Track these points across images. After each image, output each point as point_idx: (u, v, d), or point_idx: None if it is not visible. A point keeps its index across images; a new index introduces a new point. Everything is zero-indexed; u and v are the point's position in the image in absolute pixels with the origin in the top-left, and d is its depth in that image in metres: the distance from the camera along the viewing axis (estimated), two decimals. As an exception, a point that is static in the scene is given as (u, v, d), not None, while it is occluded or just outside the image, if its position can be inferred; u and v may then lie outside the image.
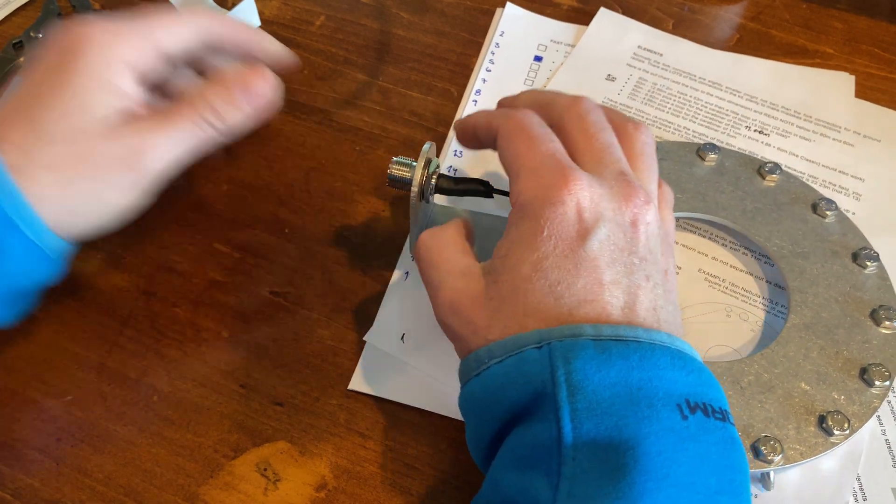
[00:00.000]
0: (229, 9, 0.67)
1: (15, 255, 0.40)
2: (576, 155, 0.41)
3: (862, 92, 0.65)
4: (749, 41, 0.70)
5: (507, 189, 0.50)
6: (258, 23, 0.70)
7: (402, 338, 0.50)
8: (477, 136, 0.46)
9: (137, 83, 0.43)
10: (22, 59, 0.66)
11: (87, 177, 0.41)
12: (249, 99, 0.44)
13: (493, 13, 0.72)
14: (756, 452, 0.43)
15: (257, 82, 0.44)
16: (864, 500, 0.45)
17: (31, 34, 0.67)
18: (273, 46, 0.49)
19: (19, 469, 0.46)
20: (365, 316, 0.52)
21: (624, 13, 0.71)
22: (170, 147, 0.42)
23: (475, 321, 0.38)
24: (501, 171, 0.59)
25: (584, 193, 0.38)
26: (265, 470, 0.46)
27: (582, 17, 0.71)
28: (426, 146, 0.48)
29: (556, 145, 0.40)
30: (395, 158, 0.48)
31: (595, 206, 0.38)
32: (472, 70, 0.67)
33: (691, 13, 0.72)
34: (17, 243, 0.40)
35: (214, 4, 0.69)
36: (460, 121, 0.48)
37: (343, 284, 0.54)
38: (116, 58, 0.42)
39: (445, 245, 0.42)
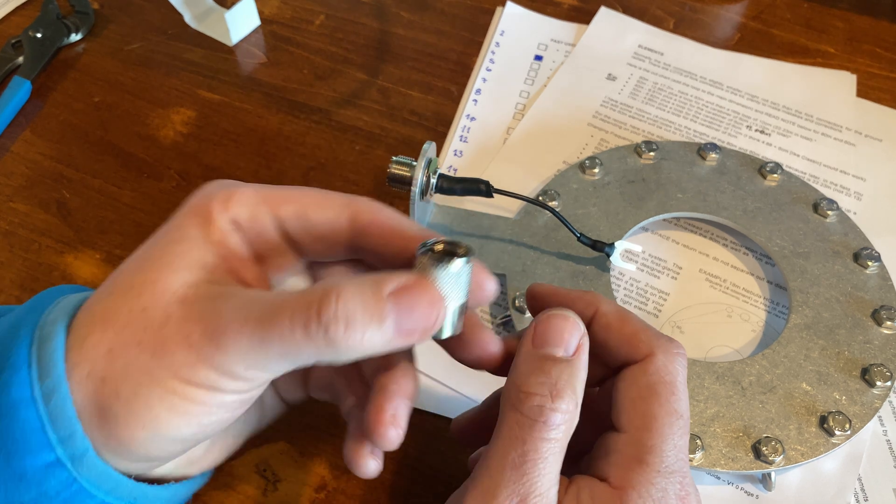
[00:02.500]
0: (228, 8, 0.67)
1: (33, 482, 0.30)
2: None
3: (863, 91, 0.65)
4: (750, 40, 0.70)
5: (507, 189, 0.50)
6: (257, 22, 0.70)
7: (402, 338, 0.50)
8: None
9: (246, 245, 0.34)
10: (21, 58, 0.66)
11: (143, 345, 0.30)
12: (402, 320, 0.29)
13: (493, 12, 0.72)
14: (757, 453, 0.43)
15: (421, 303, 0.30)
16: (866, 500, 0.45)
17: (30, 33, 0.67)
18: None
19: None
20: (364, 316, 0.52)
21: (624, 12, 0.71)
22: (258, 352, 0.29)
23: None
24: (501, 172, 0.59)
25: None
26: (265, 471, 0.46)
27: (582, 16, 0.71)
28: (426, 145, 0.48)
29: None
30: (394, 158, 0.48)
31: None
32: (472, 69, 0.67)
33: (692, 12, 0.72)
34: (42, 467, 0.30)
35: (213, 3, 0.69)
36: (547, 289, 0.36)
37: (343, 284, 0.54)
38: (219, 212, 0.33)
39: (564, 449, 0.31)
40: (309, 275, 0.37)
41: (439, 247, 0.31)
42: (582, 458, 0.35)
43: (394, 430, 0.33)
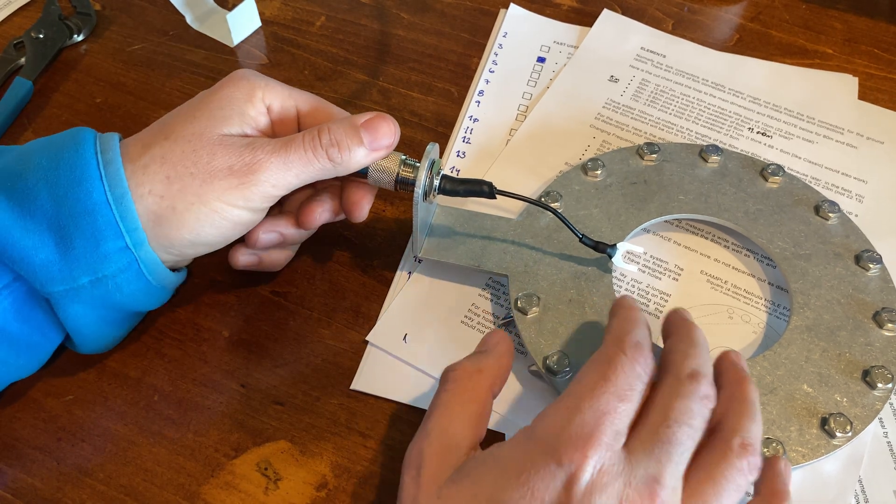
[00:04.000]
0: (230, 9, 0.67)
1: (112, 260, 0.42)
2: (638, 424, 0.37)
3: (861, 92, 0.65)
4: (749, 41, 0.70)
5: (509, 191, 0.50)
6: (258, 23, 0.70)
7: (405, 338, 0.50)
8: None
9: (270, 125, 0.47)
10: (23, 59, 0.66)
11: (194, 175, 0.42)
12: (372, 140, 0.45)
13: (493, 14, 0.72)
14: (758, 454, 0.43)
15: (383, 126, 0.46)
16: (866, 502, 0.45)
17: (32, 35, 0.67)
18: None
19: (20, 468, 0.46)
20: (365, 316, 0.52)
21: (623, 13, 0.71)
22: (283, 170, 0.43)
23: (419, 500, 0.37)
24: (504, 173, 0.59)
25: (588, 468, 0.34)
26: (266, 469, 0.46)
27: (581, 17, 0.71)
28: (430, 147, 0.48)
29: (623, 408, 0.36)
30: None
31: (592, 489, 0.34)
32: (472, 70, 0.67)
33: (691, 13, 0.72)
34: (117, 250, 0.42)
35: (214, 5, 0.69)
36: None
37: (343, 284, 0.54)
38: (260, 98, 0.45)
39: (466, 401, 0.40)
40: None
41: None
42: None
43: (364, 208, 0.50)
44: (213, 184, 0.42)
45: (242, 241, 0.49)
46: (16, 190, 0.41)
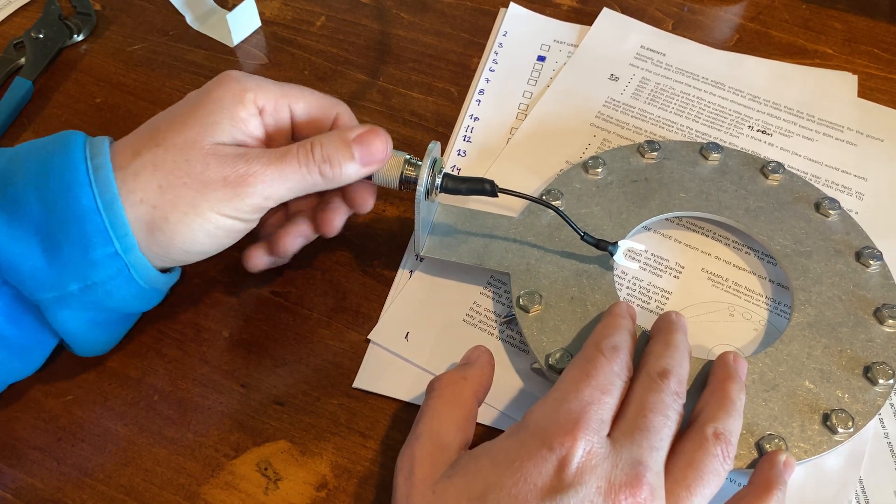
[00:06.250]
0: (230, 9, 0.67)
1: (102, 266, 0.41)
2: (618, 417, 0.39)
3: (862, 92, 0.65)
4: (748, 41, 0.70)
5: (510, 189, 0.50)
6: (258, 23, 0.70)
7: (406, 336, 0.50)
8: None
9: (262, 128, 0.45)
10: (23, 59, 0.66)
11: (187, 185, 0.41)
12: (363, 155, 0.45)
13: (493, 13, 0.72)
14: (760, 450, 0.43)
15: (376, 142, 0.45)
16: (867, 502, 0.45)
17: (32, 35, 0.67)
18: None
19: (20, 468, 0.46)
20: (365, 315, 0.52)
21: (623, 13, 0.71)
22: (275, 182, 0.43)
23: (412, 498, 0.38)
24: (505, 172, 0.59)
25: (578, 451, 0.36)
26: (266, 469, 0.46)
27: (582, 17, 0.71)
28: (432, 145, 0.48)
29: (605, 400, 0.39)
30: (401, 158, 0.48)
31: (582, 470, 0.36)
32: (472, 70, 0.67)
33: (691, 13, 0.72)
34: (106, 256, 0.41)
35: (214, 5, 0.69)
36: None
37: (343, 284, 0.54)
38: (251, 100, 0.44)
39: (452, 406, 0.42)
40: None
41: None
42: None
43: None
44: (207, 194, 0.42)
45: (257, 243, 0.50)
46: (5, 195, 0.41)
